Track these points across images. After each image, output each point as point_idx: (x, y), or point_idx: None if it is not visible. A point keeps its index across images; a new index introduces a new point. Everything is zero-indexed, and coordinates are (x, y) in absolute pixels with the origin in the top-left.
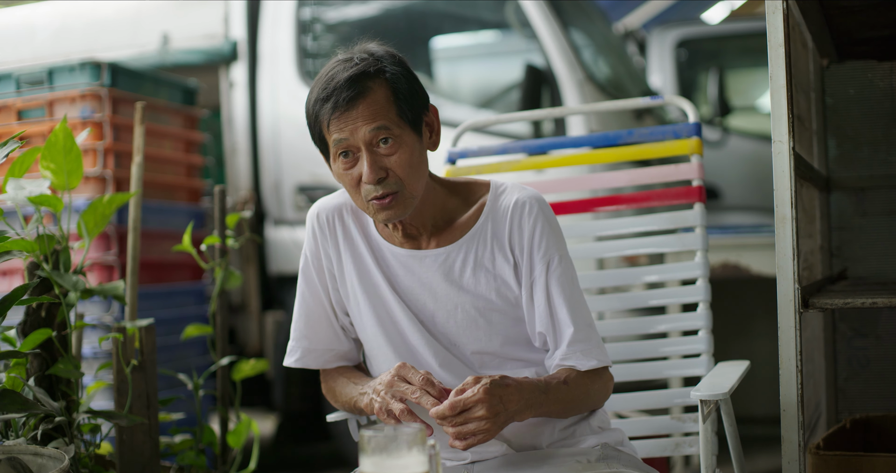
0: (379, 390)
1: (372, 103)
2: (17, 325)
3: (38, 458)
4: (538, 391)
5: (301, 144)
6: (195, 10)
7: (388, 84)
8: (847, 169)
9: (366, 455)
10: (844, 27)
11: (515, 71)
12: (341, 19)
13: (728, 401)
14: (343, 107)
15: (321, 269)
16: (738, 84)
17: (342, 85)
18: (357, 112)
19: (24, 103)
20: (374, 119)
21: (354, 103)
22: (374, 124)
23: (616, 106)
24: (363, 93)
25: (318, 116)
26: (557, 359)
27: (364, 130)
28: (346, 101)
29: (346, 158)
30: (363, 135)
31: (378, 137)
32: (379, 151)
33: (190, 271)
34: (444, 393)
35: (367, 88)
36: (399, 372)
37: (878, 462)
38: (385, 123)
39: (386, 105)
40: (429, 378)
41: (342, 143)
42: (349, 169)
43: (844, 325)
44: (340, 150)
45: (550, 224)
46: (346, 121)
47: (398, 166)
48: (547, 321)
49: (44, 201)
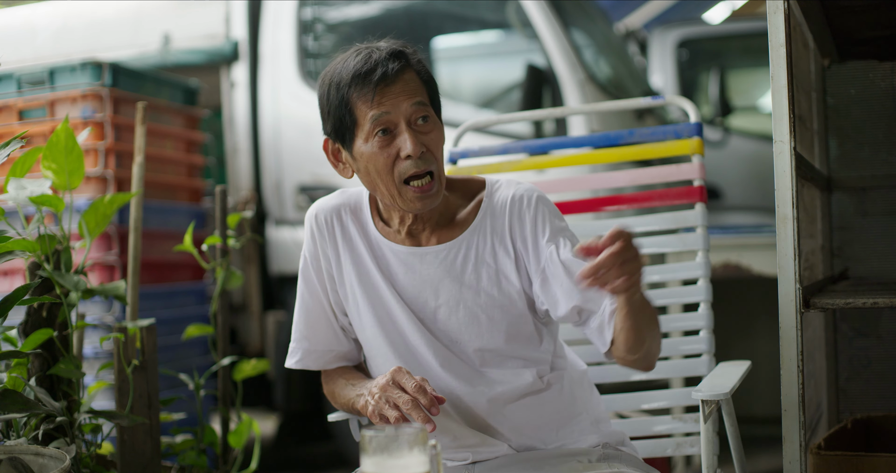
0: (374, 392)
1: (411, 81)
2: (19, 325)
3: (40, 458)
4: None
5: (302, 144)
6: (196, 10)
7: (415, 71)
8: (848, 169)
9: (367, 454)
10: (845, 27)
11: (516, 71)
12: (342, 19)
13: (729, 401)
14: (391, 77)
15: (320, 270)
16: (740, 84)
17: (385, 58)
18: (399, 87)
19: (25, 103)
20: (415, 95)
21: (399, 76)
22: (415, 99)
23: (617, 106)
24: (405, 69)
25: (352, 94)
26: (609, 308)
27: (406, 104)
28: (393, 71)
29: (384, 136)
30: (405, 109)
31: (418, 113)
32: (418, 129)
33: (191, 271)
34: (435, 402)
35: (406, 66)
36: (394, 377)
37: (880, 462)
38: (423, 100)
39: (420, 86)
40: (422, 386)
41: (383, 117)
42: (385, 147)
43: (846, 325)
44: (380, 126)
45: (550, 210)
46: (390, 95)
47: (434, 145)
48: (577, 290)
49: (45, 200)
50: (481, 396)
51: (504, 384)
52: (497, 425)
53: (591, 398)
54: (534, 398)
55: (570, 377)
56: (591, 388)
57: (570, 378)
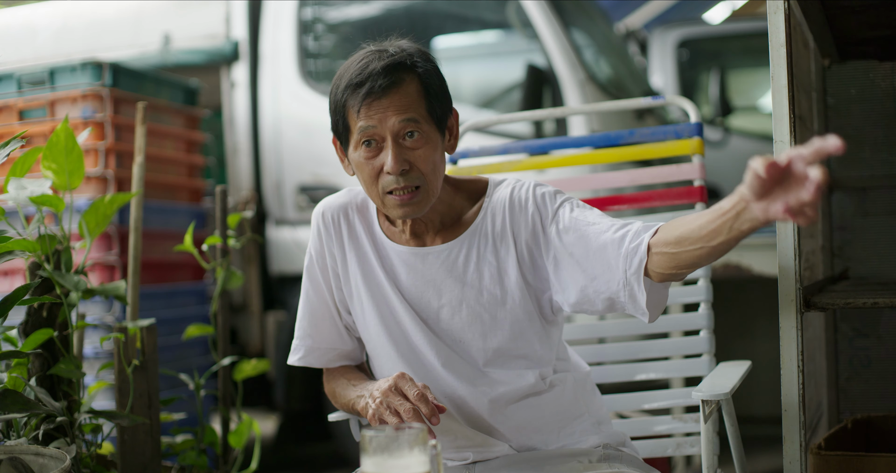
0: (375, 396)
1: (405, 95)
2: (19, 325)
3: (40, 458)
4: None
5: (303, 144)
6: (196, 10)
7: (421, 80)
8: (848, 169)
9: (367, 455)
10: (846, 27)
11: (517, 71)
12: (343, 19)
13: (729, 401)
14: (377, 93)
15: (325, 268)
16: (740, 84)
17: (378, 72)
18: (389, 101)
19: (25, 103)
20: (406, 111)
21: (388, 92)
22: (404, 116)
23: (617, 106)
24: (397, 83)
25: (346, 101)
26: (648, 234)
27: (394, 120)
28: (380, 88)
29: (368, 147)
30: (392, 125)
31: (406, 129)
32: (405, 144)
33: (191, 272)
34: (436, 411)
35: (402, 79)
36: (397, 383)
37: (880, 462)
38: (415, 117)
39: (417, 99)
40: (424, 394)
41: (368, 130)
42: (370, 159)
43: (846, 325)
44: (365, 138)
45: (549, 194)
46: (377, 109)
47: (422, 161)
48: (602, 251)
49: (45, 201)
50: (483, 396)
51: (506, 384)
52: (498, 425)
53: (594, 400)
54: (536, 399)
55: (573, 379)
56: (593, 390)
57: (573, 380)
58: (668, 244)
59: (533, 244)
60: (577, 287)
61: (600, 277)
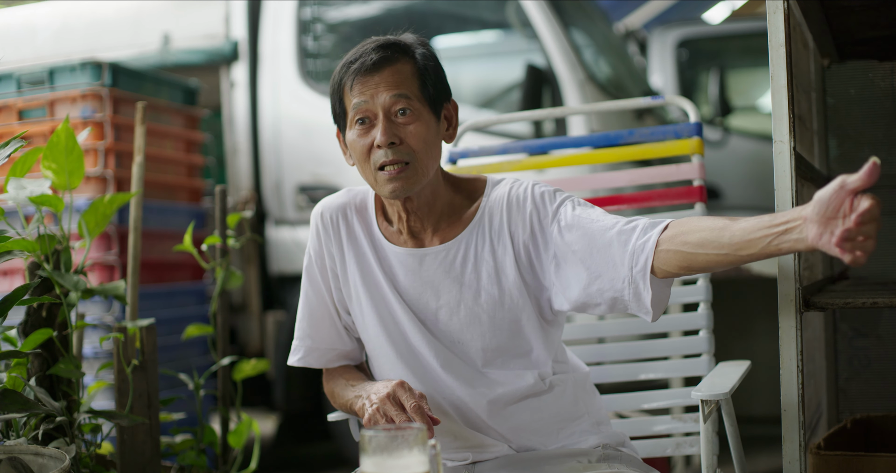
0: (373, 400)
1: (397, 72)
2: (18, 325)
3: (39, 458)
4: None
5: (302, 143)
6: (196, 10)
7: (416, 62)
8: (848, 169)
9: (366, 454)
10: (845, 27)
11: (516, 71)
12: (342, 19)
13: (729, 401)
14: (369, 68)
15: (324, 268)
16: (739, 84)
17: (371, 50)
18: (380, 77)
19: (25, 103)
20: (397, 86)
21: (379, 68)
22: (395, 91)
23: (617, 106)
24: (390, 60)
25: (342, 80)
26: (656, 231)
27: (385, 95)
28: (372, 62)
29: (362, 125)
30: (383, 100)
31: (397, 105)
32: (396, 121)
33: (191, 271)
34: (430, 423)
35: (395, 58)
36: (395, 392)
37: (880, 462)
38: (406, 92)
39: (410, 78)
40: (419, 406)
41: (361, 106)
42: (363, 136)
43: (845, 325)
44: (358, 115)
45: (548, 193)
46: (369, 85)
47: (413, 137)
48: (607, 248)
49: (45, 200)
50: (482, 397)
51: (505, 385)
52: (497, 426)
53: (593, 401)
54: (535, 400)
55: (572, 380)
56: (592, 390)
57: (572, 381)
58: (685, 244)
59: (531, 243)
60: (580, 286)
61: (605, 274)
